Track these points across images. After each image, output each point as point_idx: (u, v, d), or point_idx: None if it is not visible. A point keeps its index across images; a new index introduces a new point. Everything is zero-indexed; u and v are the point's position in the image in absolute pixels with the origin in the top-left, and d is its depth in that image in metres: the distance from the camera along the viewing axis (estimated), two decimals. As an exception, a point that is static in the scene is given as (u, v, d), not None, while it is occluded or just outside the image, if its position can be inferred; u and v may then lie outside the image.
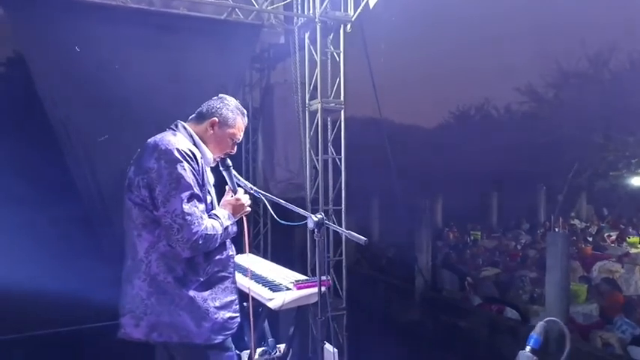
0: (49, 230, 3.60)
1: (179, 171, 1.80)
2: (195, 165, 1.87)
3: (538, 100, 16.97)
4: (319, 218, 1.89)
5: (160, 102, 3.93)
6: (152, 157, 1.83)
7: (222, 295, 1.92)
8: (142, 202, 1.85)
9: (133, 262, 1.90)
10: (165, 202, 1.78)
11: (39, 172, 3.95)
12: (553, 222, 11.16)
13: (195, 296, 1.85)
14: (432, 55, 22.37)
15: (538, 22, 20.98)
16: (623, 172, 14.20)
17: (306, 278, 2.38)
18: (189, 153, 1.86)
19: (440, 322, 7.20)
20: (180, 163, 1.81)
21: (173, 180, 1.79)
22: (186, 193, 1.79)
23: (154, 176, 1.81)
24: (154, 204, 1.82)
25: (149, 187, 1.82)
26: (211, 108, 2.05)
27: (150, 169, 1.82)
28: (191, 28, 4.17)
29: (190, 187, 1.81)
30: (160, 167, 1.80)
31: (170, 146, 1.83)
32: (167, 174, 1.79)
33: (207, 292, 1.88)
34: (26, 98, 4.00)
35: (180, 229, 1.77)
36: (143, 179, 1.83)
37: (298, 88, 4.74)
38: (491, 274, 8.23)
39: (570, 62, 15.94)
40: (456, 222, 13.39)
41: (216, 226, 1.88)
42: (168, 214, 1.78)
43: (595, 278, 7.33)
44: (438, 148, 17.23)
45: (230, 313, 1.94)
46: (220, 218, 1.92)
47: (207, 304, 1.87)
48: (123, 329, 1.90)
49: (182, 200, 1.78)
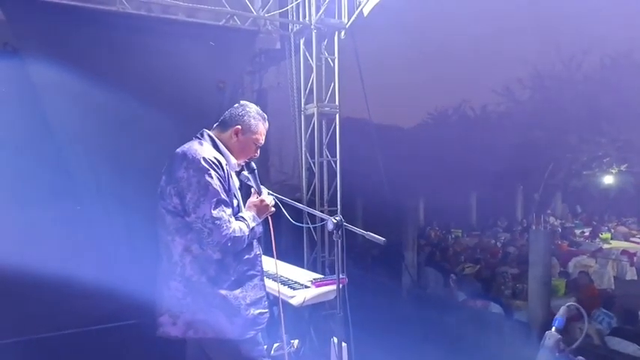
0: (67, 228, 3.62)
1: (207, 179, 1.91)
2: (221, 172, 1.98)
3: (514, 101, 17.50)
4: (338, 220, 2.03)
5: (157, 105, 4.00)
6: (181, 167, 1.94)
7: (252, 293, 2.04)
8: (174, 209, 1.96)
9: (168, 264, 2.01)
10: (196, 209, 1.90)
11: (37, 171, 3.95)
12: (533, 220, 11.59)
13: (227, 294, 1.97)
14: (414, 59, 22.86)
15: (516, 25, 21.68)
16: (596, 172, 14.83)
17: (322, 277, 2.52)
18: (215, 161, 1.97)
19: (426, 318, 7.43)
20: (208, 172, 1.92)
21: (201, 187, 1.91)
22: (214, 199, 1.91)
23: (184, 185, 1.92)
24: (185, 210, 1.93)
25: (180, 195, 1.93)
26: (234, 116, 2.15)
27: (180, 178, 1.93)
28: (189, 34, 4.25)
29: (218, 193, 1.93)
30: (189, 176, 1.92)
31: (197, 155, 1.95)
32: (196, 182, 1.91)
33: (238, 290, 2.00)
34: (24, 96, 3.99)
35: (211, 232, 1.89)
36: (174, 188, 1.95)
37: (294, 92, 4.87)
38: (474, 270, 8.54)
39: (545, 65, 16.53)
40: (438, 221, 13.73)
41: (243, 228, 1.99)
42: (198, 219, 1.90)
43: (572, 273, 7.69)
44: (418, 149, 17.57)
45: (260, 309, 2.06)
46: (246, 220, 2.04)
47: (238, 301, 1.99)
48: (161, 328, 2.01)
49: (211, 206, 1.90)
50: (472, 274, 8.32)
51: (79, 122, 3.96)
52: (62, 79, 3.86)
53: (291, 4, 4.75)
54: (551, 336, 1.51)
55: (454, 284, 7.95)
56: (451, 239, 11.67)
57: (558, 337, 1.51)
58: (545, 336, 1.52)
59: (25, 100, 3.81)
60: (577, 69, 15.52)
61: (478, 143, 16.36)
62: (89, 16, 3.92)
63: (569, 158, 14.94)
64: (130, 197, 3.64)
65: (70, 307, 3.14)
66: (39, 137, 3.88)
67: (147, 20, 4.19)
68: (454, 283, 7.96)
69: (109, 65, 3.92)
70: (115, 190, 3.97)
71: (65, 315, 3.18)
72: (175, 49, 4.14)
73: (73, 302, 3.11)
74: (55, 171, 3.79)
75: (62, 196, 3.78)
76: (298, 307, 2.31)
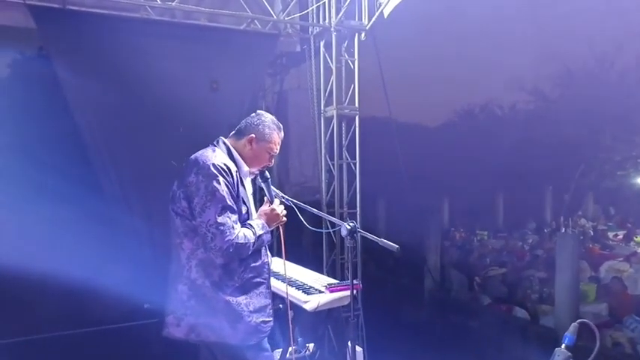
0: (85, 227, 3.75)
1: (214, 185, 1.96)
2: (230, 178, 2.02)
3: (544, 99, 17.03)
4: (352, 226, 2.04)
5: (180, 109, 4.10)
6: (192, 172, 2.00)
7: (256, 300, 2.06)
8: (183, 213, 2.02)
9: (176, 267, 2.07)
10: (201, 213, 1.95)
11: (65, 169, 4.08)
12: (562, 222, 11.23)
13: (231, 300, 2.00)
14: (437, 59, 22.50)
15: (544, 21, 21.06)
16: (630, 172, 14.26)
17: (337, 282, 2.52)
18: (224, 167, 2.01)
19: (450, 321, 7.32)
20: (216, 178, 1.97)
21: (208, 193, 1.95)
22: (220, 205, 1.95)
23: (192, 189, 1.98)
24: (192, 214, 1.98)
25: (188, 198, 1.99)
26: (249, 125, 2.19)
27: (189, 182, 1.99)
28: (211, 39, 4.32)
29: (224, 199, 1.96)
30: (198, 181, 1.97)
31: (207, 161, 2.00)
32: (203, 187, 1.96)
33: (242, 297, 2.03)
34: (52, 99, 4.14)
35: (214, 237, 1.93)
36: (183, 192, 2.01)
37: (314, 94, 4.88)
38: (499, 273, 8.35)
39: (576, 61, 16.02)
40: (463, 222, 13.48)
41: (249, 235, 2.01)
42: (203, 223, 1.95)
43: (604, 278, 7.42)
44: (443, 148, 17.32)
45: (263, 317, 2.08)
46: (254, 227, 2.06)
47: (241, 307, 2.02)
48: (167, 328, 2.07)
49: (216, 212, 1.94)
50: (497, 277, 8.15)
51: (105, 125, 4.09)
52: (89, 83, 4.01)
53: (311, 7, 4.75)
54: (561, 353, 1.47)
55: (478, 287, 7.81)
56: (476, 241, 11.45)
57: (568, 355, 1.47)
58: (555, 353, 1.48)
59: (54, 102, 3.97)
60: (610, 66, 14.97)
61: (505, 142, 16.01)
62: (115, 23, 4.05)
63: (601, 158, 14.43)
64: (151, 200, 3.72)
65: (93, 306, 3.24)
66: (66, 137, 4.03)
67: (170, 26, 4.29)
68: (478, 287, 7.82)
69: (133, 70, 4.03)
70: (138, 191, 4.09)
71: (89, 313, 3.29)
72: (197, 54, 4.23)
73: (95, 301, 3.21)
74: (81, 171, 3.93)
75: (89, 195, 3.91)
76: (312, 311, 2.32)
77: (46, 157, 3.95)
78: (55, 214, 3.70)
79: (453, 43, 22.61)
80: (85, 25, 3.96)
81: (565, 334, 1.53)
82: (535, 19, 20.75)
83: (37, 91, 4.17)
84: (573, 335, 1.50)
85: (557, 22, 19.69)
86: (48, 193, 3.69)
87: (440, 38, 22.52)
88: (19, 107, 4.10)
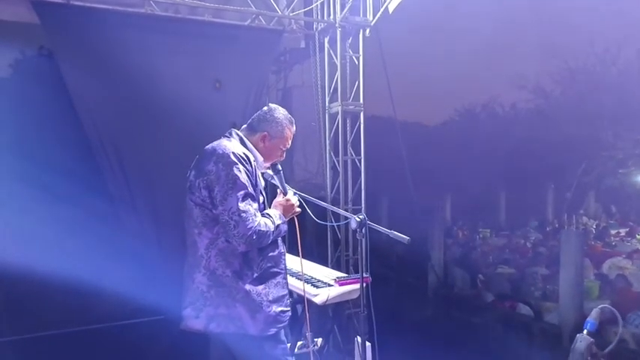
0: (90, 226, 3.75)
1: (235, 172, 1.95)
2: (249, 167, 2.02)
3: (546, 97, 17.00)
4: (362, 219, 2.03)
5: (185, 104, 4.08)
6: (210, 161, 1.99)
7: (274, 290, 2.06)
8: (202, 202, 2.01)
9: (193, 258, 2.05)
10: (223, 201, 1.94)
11: (70, 168, 4.08)
12: (566, 220, 11.22)
13: (251, 290, 2.00)
14: (441, 56, 22.50)
15: (545, 18, 21.02)
16: (632, 170, 14.24)
17: (346, 275, 2.51)
18: (243, 156, 2.01)
19: (453, 318, 7.31)
20: (236, 165, 1.97)
21: (230, 180, 1.95)
22: (242, 192, 1.95)
23: (212, 178, 1.97)
24: (213, 203, 1.97)
25: (208, 187, 1.98)
26: (262, 121, 2.19)
27: (209, 171, 1.98)
28: (216, 34, 4.31)
29: (245, 186, 1.96)
30: (218, 169, 1.96)
31: (227, 150, 2.00)
32: (224, 175, 1.95)
33: (261, 287, 2.03)
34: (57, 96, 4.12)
35: (237, 225, 1.92)
36: (203, 181, 2.00)
37: (319, 91, 4.87)
38: (503, 271, 8.35)
39: (578, 59, 15.98)
40: (465, 220, 13.47)
41: (269, 224, 2.02)
42: (225, 211, 1.94)
43: (608, 275, 7.42)
44: (445, 146, 17.29)
45: (282, 307, 2.08)
46: (272, 217, 2.06)
47: (261, 297, 2.01)
48: (184, 322, 2.05)
49: (238, 199, 1.93)
50: (501, 274, 8.15)
51: (110, 122, 4.08)
52: (93, 79, 3.99)
53: (315, 3, 4.74)
54: (583, 339, 1.47)
55: (482, 284, 7.80)
56: (479, 239, 11.45)
57: (590, 341, 1.47)
58: (577, 339, 1.48)
59: (58, 100, 3.95)
60: (612, 63, 14.93)
61: (507, 140, 15.98)
62: (119, 18, 4.03)
63: (603, 156, 14.41)
64: (155, 197, 3.71)
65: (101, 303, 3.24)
66: (70, 136, 4.02)
67: (175, 21, 4.28)
68: (482, 284, 7.81)
69: (137, 65, 4.02)
70: (142, 189, 4.08)
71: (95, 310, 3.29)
72: (201, 50, 4.22)
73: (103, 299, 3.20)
74: (86, 169, 3.92)
75: (95, 194, 3.90)
76: (321, 305, 2.30)
77: (49, 155, 3.95)
78: (60, 213, 3.69)
79: (456, 40, 22.60)
80: (88, 21, 3.94)
81: (587, 320, 1.52)
82: (538, 17, 20.72)
83: (40, 88, 4.16)
84: (595, 321, 1.51)
85: (559, 20, 19.66)
86: (53, 192, 3.69)
87: (442, 35, 22.48)
88: (21, 104, 4.09)
